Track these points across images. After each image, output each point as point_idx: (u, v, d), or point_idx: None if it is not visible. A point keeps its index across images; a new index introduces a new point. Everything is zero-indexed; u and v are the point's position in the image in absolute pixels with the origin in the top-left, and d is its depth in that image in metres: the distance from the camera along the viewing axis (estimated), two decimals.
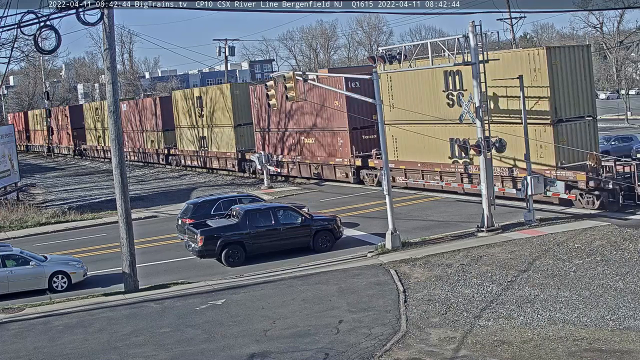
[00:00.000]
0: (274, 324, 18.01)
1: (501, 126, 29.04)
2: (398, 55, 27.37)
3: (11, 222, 36.60)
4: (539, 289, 19.11)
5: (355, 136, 39.94)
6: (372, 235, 27.51)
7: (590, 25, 77.48)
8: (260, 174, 46.22)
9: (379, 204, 31.09)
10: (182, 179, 52.94)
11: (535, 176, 27.00)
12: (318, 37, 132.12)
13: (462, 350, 15.43)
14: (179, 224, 28.88)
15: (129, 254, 22.68)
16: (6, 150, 46.33)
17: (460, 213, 30.01)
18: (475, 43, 25.61)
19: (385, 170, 25.52)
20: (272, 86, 29.67)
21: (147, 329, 18.49)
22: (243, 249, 25.24)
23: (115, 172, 22.77)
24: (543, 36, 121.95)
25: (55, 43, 20.13)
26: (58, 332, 18.78)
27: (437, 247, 24.47)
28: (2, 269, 23.09)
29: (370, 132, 39.63)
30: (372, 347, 15.93)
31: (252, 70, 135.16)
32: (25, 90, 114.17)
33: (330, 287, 20.89)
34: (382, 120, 25.99)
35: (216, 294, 21.11)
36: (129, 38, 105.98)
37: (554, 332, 16.09)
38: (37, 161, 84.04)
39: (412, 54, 28.02)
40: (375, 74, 26.00)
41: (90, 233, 33.61)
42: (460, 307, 18.20)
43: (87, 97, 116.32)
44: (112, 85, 22.50)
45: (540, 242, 23.56)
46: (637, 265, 20.32)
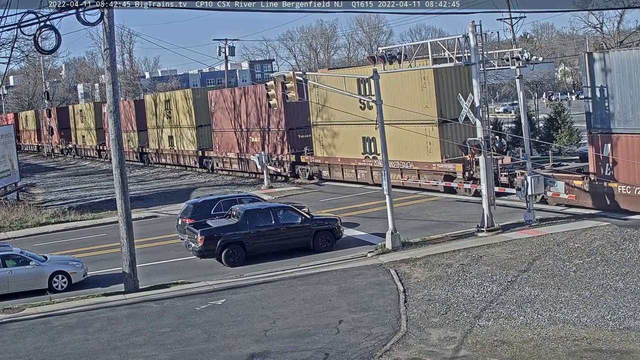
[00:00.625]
0: (274, 324, 18.01)
1: (398, 127, 33.97)
2: (398, 55, 27.36)
3: (11, 222, 36.59)
4: (539, 289, 19.11)
5: (291, 135, 45.19)
6: (372, 235, 27.52)
7: (590, 25, 77.41)
8: (217, 170, 53.10)
9: (379, 204, 31.10)
10: (182, 179, 52.95)
11: (536, 176, 27.02)
12: (318, 37, 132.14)
13: (462, 350, 15.44)
14: (179, 224, 28.88)
15: (129, 254, 22.68)
16: (6, 150, 46.33)
17: (460, 213, 30.01)
18: (475, 43, 25.61)
19: (385, 170, 25.52)
20: (272, 86, 29.67)
21: (147, 329, 18.49)
22: (243, 249, 25.25)
23: (115, 172, 22.77)
24: (543, 36, 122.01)
25: (55, 43, 20.12)
26: (58, 332, 18.78)
27: (437, 247, 24.48)
28: (2, 269, 23.08)
29: (306, 132, 44.63)
30: (372, 347, 15.93)
31: (252, 70, 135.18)
32: (25, 90, 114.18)
33: (330, 287, 20.90)
34: (382, 121, 25.99)
35: (216, 294, 21.11)
36: (129, 38, 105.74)
37: (554, 332, 16.09)
38: (37, 161, 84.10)
39: (412, 54, 28.01)
40: (375, 74, 26.00)
41: (90, 233, 33.61)
42: (461, 307, 18.20)
43: (87, 97, 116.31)
44: (112, 85, 22.50)
45: (540, 242, 23.56)
46: (637, 265, 20.32)
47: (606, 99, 26.95)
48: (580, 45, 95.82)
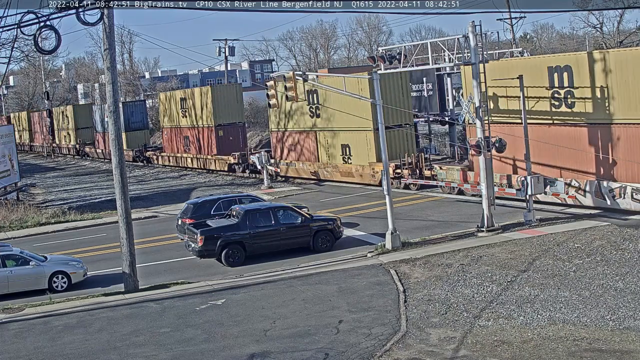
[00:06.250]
0: (274, 324, 18.01)
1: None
2: (398, 55, 27.38)
3: (11, 222, 36.59)
4: (539, 289, 19.11)
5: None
6: (372, 235, 27.51)
7: (590, 25, 77.29)
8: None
9: (379, 204, 31.10)
10: (182, 179, 52.93)
11: (536, 176, 27.03)
12: (318, 37, 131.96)
13: (462, 350, 15.44)
14: (179, 224, 28.87)
15: (129, 254, 22.68)
16: (6, 150, 46.31)
17: (460, 213, 30.01)
18: (475, 43, 25.61)
19: (385, 170, 25.53)
20: (272, 86, 29.68)
21: (147, 329, 18.49)
22: (243, 249, 25.24)
23: (115, 172, 22.77)
24: (543, 36, 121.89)
25: (55, 43, 20.12)
26: (58, 332, 18.78)
27: (437, 247, 24.47)
28: (2, 269, 23.09)
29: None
30: (372, 347, 15.94)
31: (252, 70, 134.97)
32: (25, 90, 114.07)
33: (330, 287, 20.90)
34: (382, 122, 26.01)
35: (216, 294, 21.11)
36: (129, 38, 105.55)
37: (554, 332, 16.09)
38: (37, 161, 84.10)
39: (412, 54, 28.02)
40: (375, 74, 26.01)
41: (90, 233, 33.61)
42: (460, 307, 18.20)
43: (87, 97, 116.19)
44: (112, 85, 22.50)
45: (540, 242, 23.56)
46: (637, 265, 20.32)
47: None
48: (580, 45, 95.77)
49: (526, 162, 27.54)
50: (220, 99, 53.19)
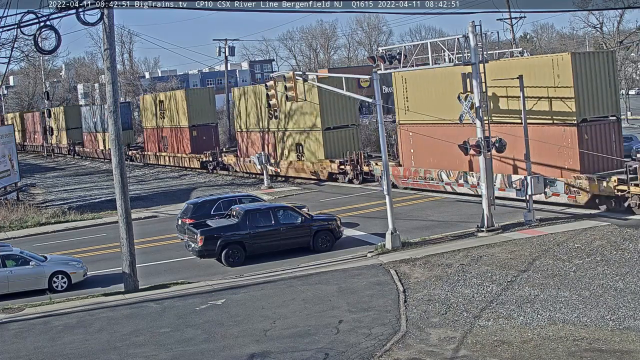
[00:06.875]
0: (274, 324, 18.01)
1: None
2: (398, 55, 27.36)
3: (11, 222, 36.59)
4: (539, 289, 19.11)
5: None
6: (372, 235, 27.52)
7: (590, 25, 77.32)
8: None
9: (379, 204, 31.10)
10: (182, 179, 52.94)
11: (535, 176, 27.02)
12: (318, 37, 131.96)
13: (462, 350, 15.44)
14: (179, 224, 28.87)
15: (129, 254, 22.68)
16: (6, 150, 46.29)
17: (460, 213, 30.01)
18: (475, 43, 25.60)
19: (384, 171, 25.52)
20: (272, 86, 29.72)
21: (147, 329, 18.49)
22: (243, 249, 25.24)
23: (115, 172, 22.77)
24: (543, 36, 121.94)
25: (55, 43, 20.10)
26: (58, 332, 18.78)
27: (437, 247, 24.48)
28: (2, 269, 23.09)
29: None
30: (372, 347, 15.93)
31: (252, 70, 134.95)
32: (25, 90, 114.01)
33: (330, 287, 20.90)
34: (382, 121, 26.01)
35: (216, 294, 21.11)
36: (129, 38, 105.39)
37: (554, 332, 16.09)
38: (37, 161, 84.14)
39: (412, 54, 28.01)
40: (375, 74, 26.01)
41: (90, 233, 33.61)
42: (460, 307, 18.20)
43: (87, 97, 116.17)
44: (112, 85, 22.50)
45: (540, 242, 23.57)
46: (637, 265, 20.32)
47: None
48: (580, 45, 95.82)
49: (526, 162, 27.53)
50: (195, 102, 57.81)
